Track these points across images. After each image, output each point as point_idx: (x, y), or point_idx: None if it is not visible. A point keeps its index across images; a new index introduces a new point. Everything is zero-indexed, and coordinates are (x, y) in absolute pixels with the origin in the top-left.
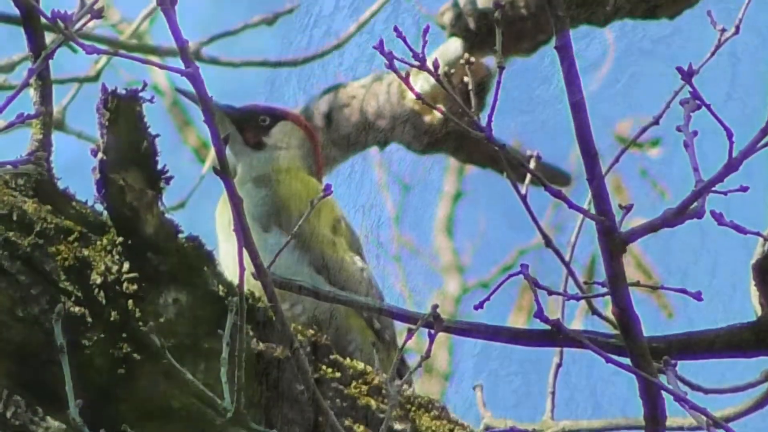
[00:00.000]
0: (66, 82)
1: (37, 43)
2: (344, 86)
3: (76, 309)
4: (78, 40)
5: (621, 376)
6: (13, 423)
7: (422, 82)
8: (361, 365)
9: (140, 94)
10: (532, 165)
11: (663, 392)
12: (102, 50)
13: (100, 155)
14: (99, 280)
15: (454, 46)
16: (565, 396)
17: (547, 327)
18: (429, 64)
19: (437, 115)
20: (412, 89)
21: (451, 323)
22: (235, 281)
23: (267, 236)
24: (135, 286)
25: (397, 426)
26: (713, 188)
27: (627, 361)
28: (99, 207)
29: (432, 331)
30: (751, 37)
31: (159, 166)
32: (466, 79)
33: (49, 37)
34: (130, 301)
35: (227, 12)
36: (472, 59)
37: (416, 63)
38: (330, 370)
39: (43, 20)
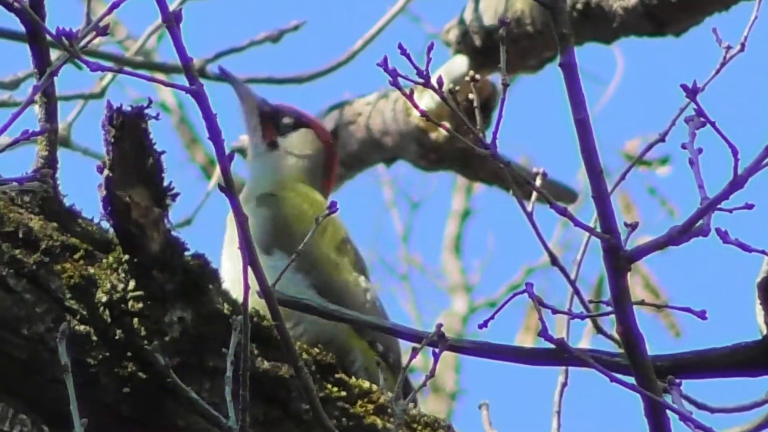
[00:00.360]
0: (71, 98)
1: (43, 60)
2: (350, 103)
3: (82, 327)
4: (83, 58)
5: (627, 395)
6: None
7: (428, 100)
8: (366, 384)
9: (146, 111)
10: (538, 182)
11: (668, 411)
12: (106, 67)
13: (105, 172)
14: (104, 299)
15: (459, 64)
16: (571, 415)
17: (552, 346)
18: (434, 81)
19: (443, 132)
20: (416, 106)
21: (456, 342)
22: (240, 299)
23: (268, 259)
24: (140, 305)
25: None
26: (718, 206)
27: (632, 380)
28: (105, 224)
29: (437, 350)
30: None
31: (165, 183)
32: (471, 96)
33: (54, 54)
34: (136, 320)
35: (232, 29)
36: (478, 76)
37: (420, 80)
38: (335, 388)
39: (48, 37)
